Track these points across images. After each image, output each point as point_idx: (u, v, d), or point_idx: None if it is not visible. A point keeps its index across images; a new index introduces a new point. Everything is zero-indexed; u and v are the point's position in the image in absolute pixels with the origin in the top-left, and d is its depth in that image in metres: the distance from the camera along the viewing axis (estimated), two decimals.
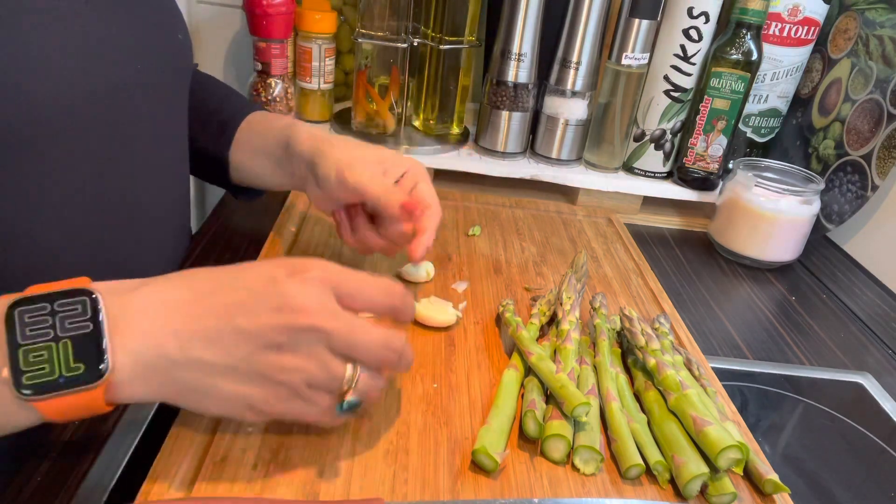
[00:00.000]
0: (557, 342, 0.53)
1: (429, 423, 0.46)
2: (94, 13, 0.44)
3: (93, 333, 0.33)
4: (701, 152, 0.89)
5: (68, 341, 0.32)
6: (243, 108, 0.65)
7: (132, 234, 0.50)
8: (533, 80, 0.87)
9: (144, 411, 0.48)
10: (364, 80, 0.87)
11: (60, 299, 0.33)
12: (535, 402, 0.47)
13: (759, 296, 0.78)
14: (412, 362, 0.41)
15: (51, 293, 0.33)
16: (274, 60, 0.86)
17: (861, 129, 0.83)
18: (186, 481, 0.39)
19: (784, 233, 0.81)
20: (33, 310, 0.32)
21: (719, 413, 0.48)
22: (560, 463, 0.44)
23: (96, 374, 0.32)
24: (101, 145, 0.45)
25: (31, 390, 0.32)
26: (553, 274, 0.69)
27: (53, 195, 0.42)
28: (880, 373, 0.66)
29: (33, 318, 0.32)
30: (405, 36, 0.86)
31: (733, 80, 0.84)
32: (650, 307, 0.65)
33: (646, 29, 0.83)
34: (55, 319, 0.32)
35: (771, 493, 0.44)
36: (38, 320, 0.32)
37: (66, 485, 0.42)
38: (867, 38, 0.85)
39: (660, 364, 0.49)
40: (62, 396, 0.32)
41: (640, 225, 0.91)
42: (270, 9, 0.82)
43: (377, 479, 0.41)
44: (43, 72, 0.39)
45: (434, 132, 0.93)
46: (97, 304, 0.33)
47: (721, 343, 0.67)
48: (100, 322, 0.33)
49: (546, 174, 0.90)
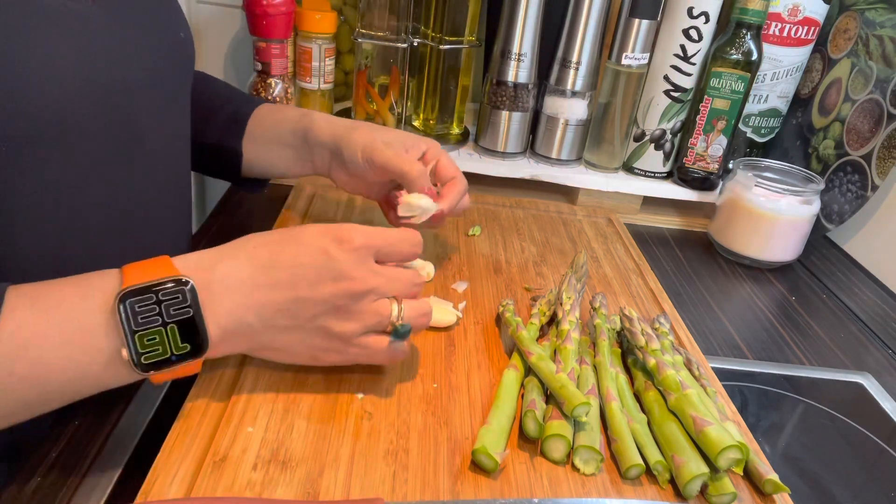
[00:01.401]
0: (557, 342, 0.53)
1: (429, 423, 0.46)
2: (100, 12, 0.44)
3: (194, 318, 0.39)
4: (701, 152, 0.89)
5: (175, 326, 0.38)
6: (251, 101, 0.68)
7: (134, 231, 0.50)
8: (533, 80, 0.87)
9: (144, 411, 0.48)
10: (364, 80, 0.88)
11: (162, 290, 0.38)
12: (535, 402, 0.47)
13: (759, 296, 0.78)
14: None
15: (151, 283, 0.38)
16: (274, 60, 0.86)
17: (861, 129, 0.83)
18: (186, 481, 0.39)
19: (784, 233, 0.81)
20: (142, 300, 0.38)
21: (719, 413, 0.48)
22: (560, 463, 0.44)
23: (200, 350, 0.39)
24: (105, 143, 0.45)
25: (149, 369, 0.38)
26: (553, 274, 0.69)
27: (57, 193, 0.42)
28: (880, 373, 0.66)
29: (143, 307, 0.38)
30: (405, 36, 0.86)
31: (733, 80, 0.84)
32: (650, 307, 0.65)
33: (646, 29, 0.83)
34: (161, 308, 0.38)
35: (771, 493, 0.44)
36: (147, 309, 0.38)
37: (66, 484, 0.42)
38: (867, 38, 0.85)
39: (660, 364, 0.49)
40: (172, 370, 0.39)
41: (640, 225, 0.91)
42: (270, 9, 0.82)
43: (377, 479, 0.41)
44: (50, 70, 0.39)
45: (434, 132, 0.93)
46: (195, 294, 0.39)
47: (721, 343, 0.67)
48: (199, 308, 0.39)
49: (546, 174, 0.90)
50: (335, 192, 0.78)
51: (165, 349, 0.38)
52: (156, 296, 0.38)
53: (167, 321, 0.38)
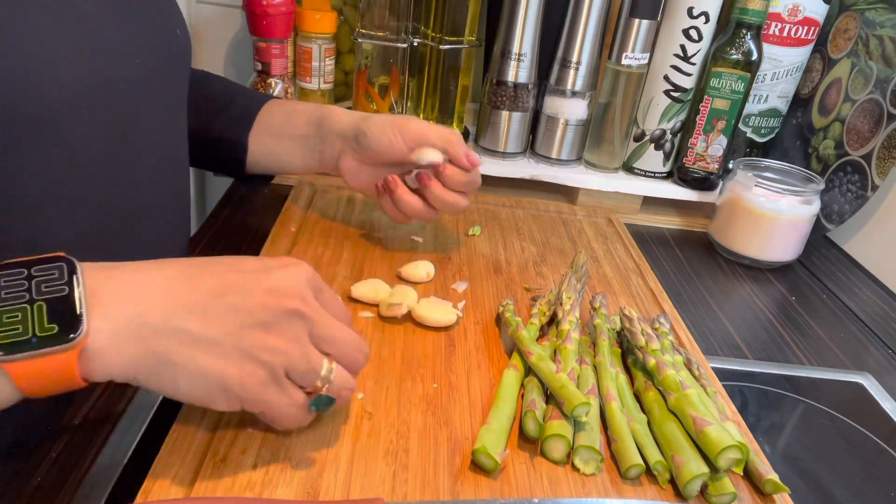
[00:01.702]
0: (557, 342, 0.53)
1: (429, 423, 0.46)
2: (96, 8, 0.44)
3: (68, 296, 0.32)
4: (701, 152, 0.89)
5: (43, 303, 0.32)
6: (260, 96, 0.69)
7: (132, 229, 0.50)
8: (533, 80, 0.87)
9: (144, 411, 0.48)
10: (364, 80, 0.88)
11: (38, 265, 0.33)
12: (535, 402, 0.47)
13: (759, 296, 0.78)
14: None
15: (29, 259, 0.33)
16: (274, 60, 0.86)
17: (861, 129, 0.83)
18: (186, 481, 0.39)
19: (784, 233, 0.81)
20: (9, 274, 0.33)
21: (719, 413, 0.48)
22: (560, 463, 0.44)
23: (69, 336, 0.32)
24: (101, 140, 0.45)
25: (2, 351, 0.31)
26: (553, 274, 0.69)
27: (52, 190, 0.42)
28: (880, 373, 0.66)
29: (9, 282, 0.32)
30: (405, 36, 0.86)
31: (733, 80, 0.84)
32: (650, 307, 0.65)
33: (646, 29, 0.83)
34: (31, 283, 0.32)
35: (771, 493, 0.44)
36: (13, 284, 0.32)
37: (66, 484, 0.42)
38: (867, 38, 0.85)
39: (660, 364, 0.49)
40: (34, 359, 0.32)
41: (640, 225, 0.91)
42: (270, 9, 0.82)
43: (377, 479, 0.41)
44: (46, 66, 0.39)
45: None
46: (74, 269, 0.33)
47: (721, 343, 0.67)
48: (75, 285, 0.33)
49: (546, 174, 0.90)
50: (335, 191, 0.78)
51: (26, 328, 0.31)
52: (27, 270, 0.33)
53: (35, 298, 0.32)
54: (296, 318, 0.37)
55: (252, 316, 0.36)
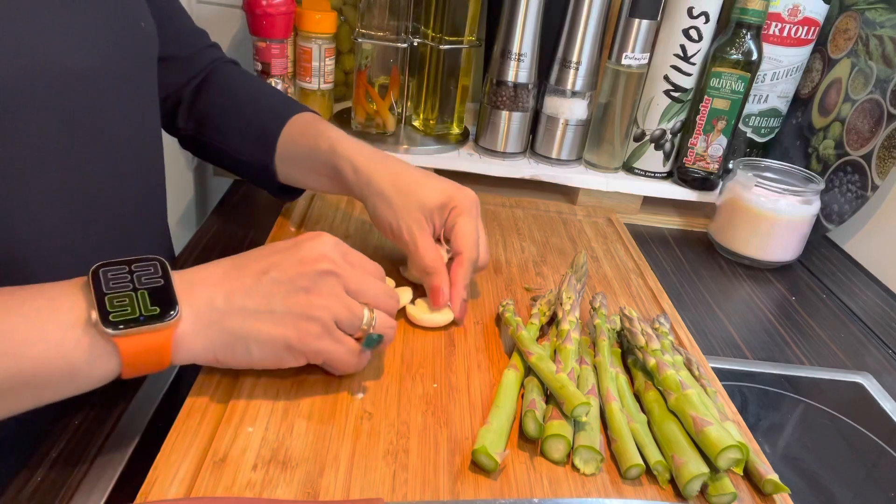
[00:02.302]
0: (557, 342, 0.53)
1: (429, 423, 0.46)
2: None
3: (165, 286, 0.40)
4: (701, 152, 0.89)
5: (145, 291, 0.39)
6: (281, 114, 0.64)
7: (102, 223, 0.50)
8: (533, 80, 0.87)
9: (144, 411, 0.48)
10: (364, 80, 0.88)
11: (136, 263, 0.40)
12: (535, 402, 0.47)
13: (759, 296, 0.78)
14: None
15: (129, 259, 0.40)
16: (274, 60, 0.86)
17: (861, 129, 0.83)
18: (186, 481, 0.39)
19: (784, 233, 0.81)
20: (115, 269, 0.39)
21: (719, 413, 0.48)
22: (560, 463, 0.44)
23: (169, 314, 0.39)
24: (57, 130, 0.44)
25: (115, 327, 0.37)
26: (553, 274, 0.69)
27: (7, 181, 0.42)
28: (880, 373, 0.66)
29: (115, 275, 0.39)
30: (405, 36, 0.86)
31: (733, 80, 0.84)
32: (650, 307, 0.65)
33: (646, 29, 0.83)
34: (133, 276, 0.39)
35: (771, 493, 0.44)
36: (119, 276, 0.39)
37: (66, 484, 0.42)
38: (867, 38, 0.85)
39: (660, 364, 0.49)
40: (140, 334, 0.38)
41: (640, 225, 0.91)
42: (270, 9, 0.82)
43: (377, 479, 0.41)
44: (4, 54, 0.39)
45: (434, 132, 0.93)
46: (166, 266, 0.41)
47: (721, 343, 0.67)
48: (170, 278, 0.40)
49: (546, 174, 0.90)
50: None
51: (134, 309, 0.38)
52: (128, 267, 0.40)
53: (138, 287, 0.39)
54: (329, 276, 0.44)
55: (293, 284, 0.43)
